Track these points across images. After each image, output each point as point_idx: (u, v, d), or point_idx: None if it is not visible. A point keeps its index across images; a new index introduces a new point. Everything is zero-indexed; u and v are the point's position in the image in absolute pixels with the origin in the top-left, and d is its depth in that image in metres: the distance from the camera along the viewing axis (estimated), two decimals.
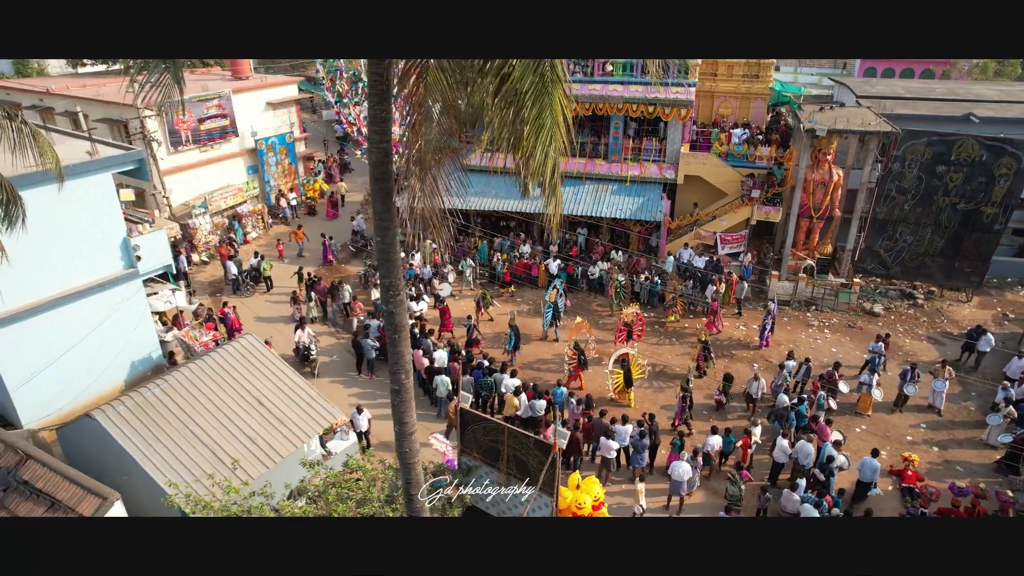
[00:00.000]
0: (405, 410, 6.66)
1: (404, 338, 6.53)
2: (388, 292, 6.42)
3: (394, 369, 6.63)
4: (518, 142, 5.84)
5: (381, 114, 6.56)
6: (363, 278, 23.45)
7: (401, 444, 6.77)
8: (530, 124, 5.59)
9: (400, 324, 6.50)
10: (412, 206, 6.99)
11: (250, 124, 27.89)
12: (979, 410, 17.28)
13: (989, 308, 22.27)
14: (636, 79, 23.72)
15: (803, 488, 13.37)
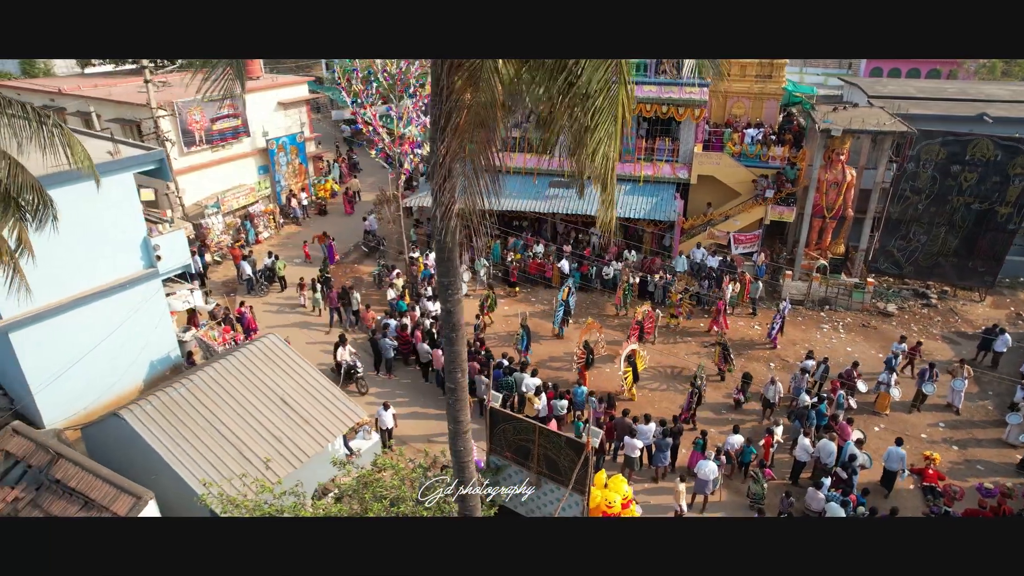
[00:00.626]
0: (460, 408, 6.69)
1: (460, 337, 6.56)
2: (447, 291, 6.44)
3: (450, 368, 6.65)
4: (578, 143, 5.84)
5: (438, 117, 6.56)
6: (377, 278, 23.47)
7: (456, 442, 6.79)
8: (599, 125, 5.60)
9: (457, 322, 6.52)
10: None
11: (261, 124, 27.90)
12: (997, 409, 17.34)
13: (1003, 308, 22.33)
14: (650, 79, 23.75)
15: (828, 487, 13.42)
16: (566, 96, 5.73)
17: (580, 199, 23.10)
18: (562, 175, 25.09)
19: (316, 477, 13.32)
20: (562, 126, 6.04)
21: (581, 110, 5.67)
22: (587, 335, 18.75)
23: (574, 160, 6.22)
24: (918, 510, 13.92)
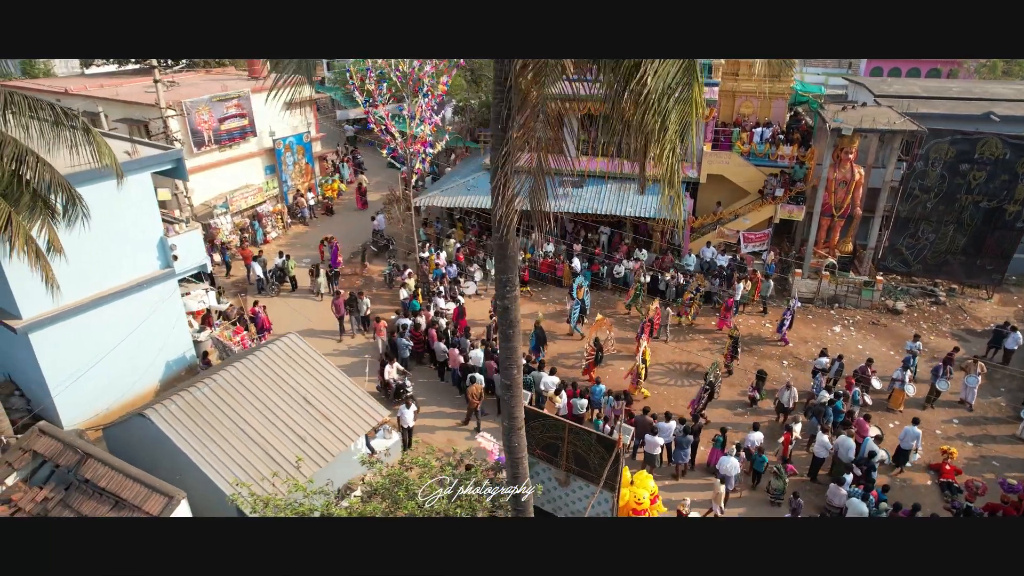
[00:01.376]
0: (516, 404, 6.73)
1: (517, 333, 6.60)
2: (505, 287, 6.48)
3: (506, 364, 6.70)
4: (647, 143, 5.90)
5: (503, 113, 6.62)
6: (388, 277, 23.47)
7: (511, 438, 6.83)
8: (671, 125, 5.65)
9: (515, 319, 6.56)
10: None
11: (268, 124, 27.84)
12: (1010, 406, 17.50)
13: (1010, 305, 22.53)
14: None
15: (850, 482, 13.52)
16: (639, 96, 5.77)
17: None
18: (571, 174, 25.18)
19: (339, 476, 13.33)
20: (623, 127, 6.07)
21: (653, 111, 5.71)
22: (597, 332, 18.82)
23: (636, 159, 6.26)
24: (937, 505, 14.04)
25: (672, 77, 5.59)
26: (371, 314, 20.52)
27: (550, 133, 6.58)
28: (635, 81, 5.68)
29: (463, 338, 18.26)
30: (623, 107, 6.01)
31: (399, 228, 25.78)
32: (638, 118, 5.86)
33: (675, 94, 5.66)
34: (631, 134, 6.11)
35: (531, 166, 6.96)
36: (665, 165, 5.93)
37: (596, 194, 24.48)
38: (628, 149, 6.36)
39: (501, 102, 6.54)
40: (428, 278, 22.43)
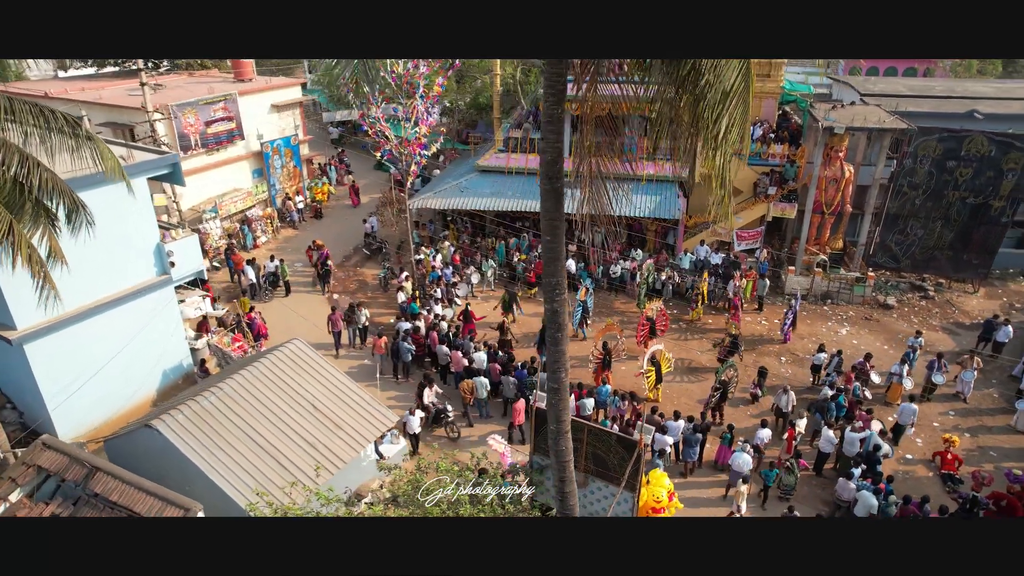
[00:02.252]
0: (563, 408, 6.69)
1: (565, 336, 6.56)
2: (554, 291, 6.44)
3: (554, 368, 6.65)
4: (705, 143, 5.91)
5: (557, 114, 6.59)
6: (383, 281, 23.28)
7: (558, 441, 6.79)
8: (737, 124, 5.67)
9: (563, 322, 6.52)
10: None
11: (256, 127, 27.46)
12: (1003, 397, 17.88)
13: (995, 299, 23.03)
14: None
15: (858, 476, 13.69)
16: (698, 98, 5.77)
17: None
18: (565, 175, 25.19)
19: (349, 483, 13.18)
20: (676, 127, 6.08)
21: (714, 112, 5.71)
22: (605, 336, 18.84)
23: (683, 158, 6.28)
24: (943, 496, 14.28)
25: (733, 80, 5.60)
26: (369, 324, 20.27)
27: (607, 137, 6.57)
28: (704, 82, 5.68)
29: (466, 340, 18.17)
30: (680, 109, 6.00)
31: (392, 231, 25.58)
32: (699, 118, 5.85)
33: (736, 95, 5.66)
34: (684, 134, 6.09)
35: (590, 170, 6.98)
36: (719, 163, 5.92)
37: (580, 195, 24.46)
38: (677, 149, 6.33)
39: (556, 104, 6.50)
40: (425, 281, 22.28)
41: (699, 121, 6.01)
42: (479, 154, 28.27)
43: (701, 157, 6.44)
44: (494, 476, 10.75)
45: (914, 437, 16.37)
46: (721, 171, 6.28)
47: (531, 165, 25.42)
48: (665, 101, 6.35)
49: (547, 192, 6.74)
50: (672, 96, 6.24)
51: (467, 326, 19.46)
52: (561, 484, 6.94)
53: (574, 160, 6.51)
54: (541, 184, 6.78)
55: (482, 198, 24.75)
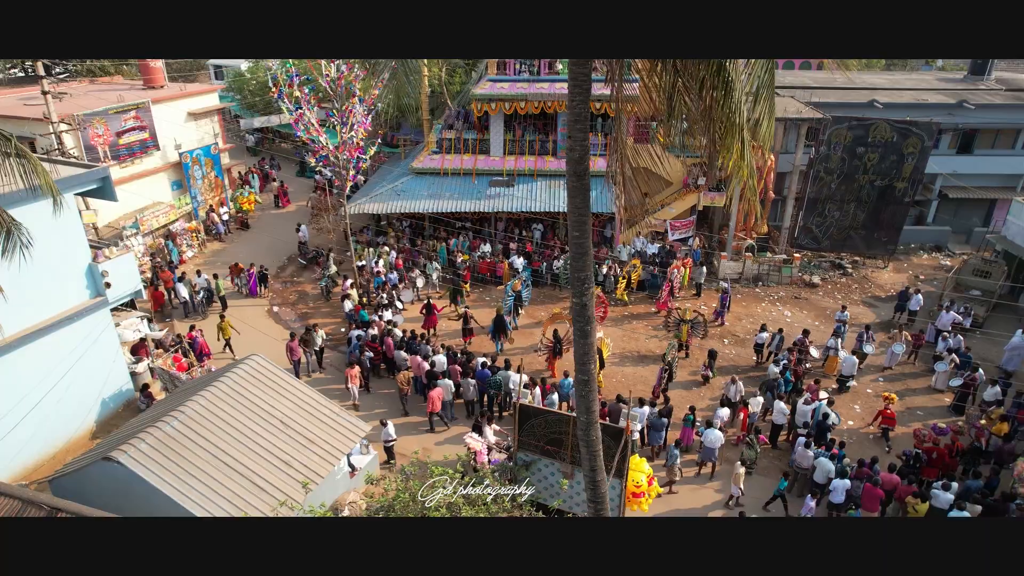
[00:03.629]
0: (592, 399, 6.80)
1: (593, 329, 6.68)
2: (583, 286, 6.54)
3: (583, 361, 6.75)
4: (721, 138, 6.18)
5: (582, 113, 6.68)
6: (324, 290, 22.65)
7: (588, 432, 6.89)
8: (767, 119, 5.95)
9: (591, 315, 6.64)
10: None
11: (172, 136, 26.03)
12: (921, 361, 19.49)
13: (902, 272, 25.07)
14: None
15: (804, 443, 14.59)
16: (724, 95, 6.02)
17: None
18: (501, 174, 25.41)
19: (323, 497, 12.80)
20: (703, 124, 6.33)
21: (731, 109, 5.98)
22: (555, 325, 19.15)
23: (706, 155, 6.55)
24: (889, 455, 15.47)
25: (761, 77, 5.89)
26: (326, 346, 19.53)
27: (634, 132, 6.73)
28: (735, 82, 5.94)
29: (424, 344, 18.00)
30: (704, 103, 6.25)
31: (330, 237, 24.93)
32: (731, 112, 6.11)
33: (764, 92, 5.96)
34: (708, 128, 6.35)
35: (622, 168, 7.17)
36: (745, 156, 6.22)
37: (528, 192, 24.81)
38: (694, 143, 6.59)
39: (581, 104, 6.61)
40: (370, 287, 21.87)
41: (731, 116, 6.26)
42: (410, 156, 27.99)
43: (720, 151, 6.70)
44: (485, 474, 10.78)
45: (852, 404, 17.60)
46: (747, 167, 6.56)
47: (466, 166, 25.45)
48: (690, 98, 6.59)
49: (575, 188, 6.83)
50: (696, 94, 6.49)
51: (431, 318, 19.45)
52: (592, 473, 7.07)
53: (575, 148, 6.55)
54: (569, 181, 6.87)
55: (420, 200, 24.55)
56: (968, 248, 26.41)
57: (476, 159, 25.61)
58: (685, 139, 7.61)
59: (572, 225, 6.73)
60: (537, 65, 24.76)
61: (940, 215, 26.93)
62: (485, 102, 24.57)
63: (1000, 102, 26.19)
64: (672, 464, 14.32)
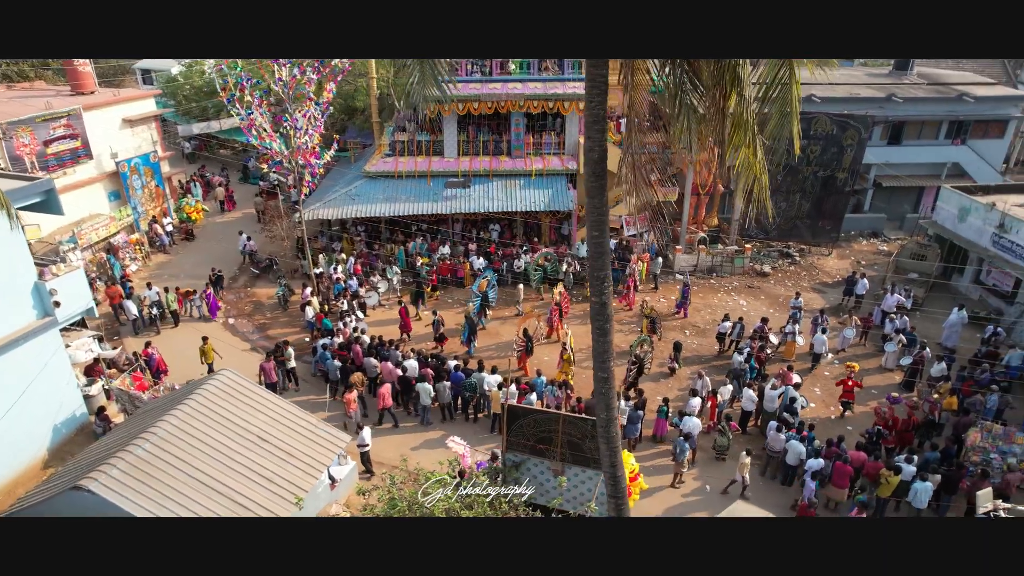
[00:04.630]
0: (612, 396, 6.84)
1: (612, 327, 6.71)
2: (602, 284, 6.56)
3: (602, 359, 6.78)
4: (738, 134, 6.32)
5: (600, 114, 6.69)
6: (282, 299, 22.00)
7: (609, 428, 6.91)
8: (776, 117, 6.11)
9: (610, 313, 6.67)
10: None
11: (108, 144, 24.76)
12: (871, 342, 20.47)
13: (845, 258, 26.26)
14: (535, 76, 24.63)
15: (775, 427, 15.12)
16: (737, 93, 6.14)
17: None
18: (456, 175, 25.26)
19: (306, 512, 12.48)
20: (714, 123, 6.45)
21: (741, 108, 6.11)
22: (526, 323, 19.21)
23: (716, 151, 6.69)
24: (844, 430, 16.18)
25: (781, 75, 6.05)
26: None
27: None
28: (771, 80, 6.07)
29: (393, 351, 17.73)
30: (718, 101, 6.37)
31: (285, 245, 24.22)
32: (743, 112, 6.24)
33: (781, 89, 6.12)
34: (720, 126, 6.47)
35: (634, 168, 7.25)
36: (760, 156, 6.38)
37: (484, 192, 24.76)
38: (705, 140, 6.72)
39: (599, 105, 6.63)
40: (330, 295, 21.38)
41: (741, 114, 6.39)
42: (362, 160, 27.50)
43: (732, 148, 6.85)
44: (477, 475, 10.74)
45: (813, 387, 18.33)
46: (760, 167, 6.72)
47: (420, 168, 25.19)
48: (708, 97, 6.70)
49: (593, 188, 6.86)
50: (716, 94, 6.61)
51: (406, 322, 19.29)
52: (613, 469, 7.11)
53: (594, 148, 6.59)
54: (586, 181, 6.89)
55: (375, 204, 24.16)
56: (902, 233, 27.92)
57: (430, 161, 25.38)
58: (694, 136, 7.67)
59: (591, 225, 6.76)
60: (489, 65, 24.71)
61: (875, 203, 28.34)
62: (438, 103, 24.35)
63: (923, 95, 27.78)
64: (682, 459, 14.57)
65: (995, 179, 26.99)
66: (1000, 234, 21.16)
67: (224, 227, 28.08)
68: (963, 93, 27.43)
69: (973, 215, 22.33)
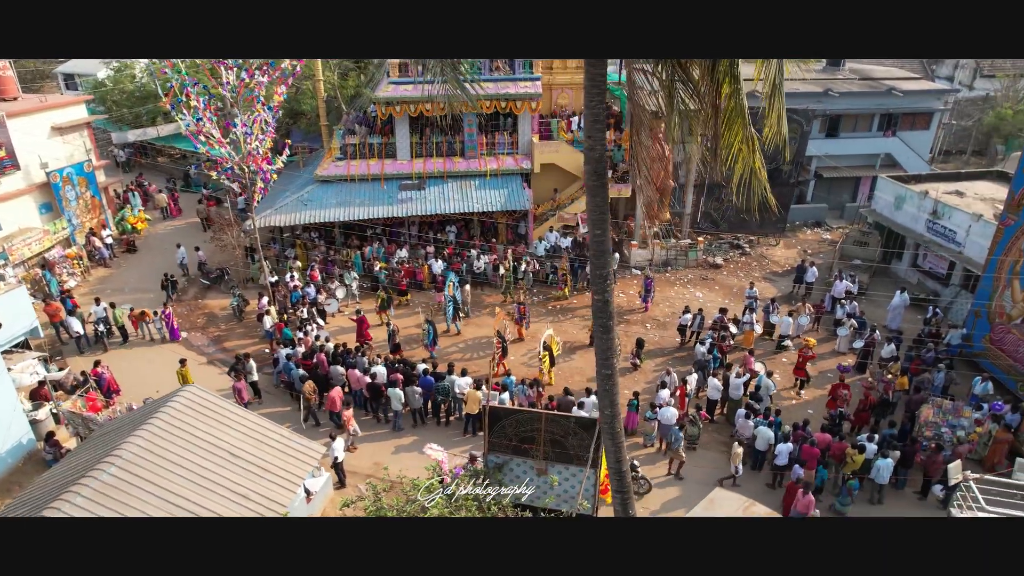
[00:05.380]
0: (616, 392, 6.87)
1: (614, 324, 6.74)
2: (604, 282, 6.58)
3: (605, 355, 6.79)
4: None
5: (599, 113, 6.70)
6: (236, 310, 21.28)
7: (613, 424, 6.93)
8: (773, 115, 6.25)
9: (611, 311, 6.70)
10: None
11: (36, 154, 23.42)
12: (823, 328, 21.29)
13: (792, 247, 27.25)
14: (486, 76, 24.58)
15: (744, 414, 15.57)
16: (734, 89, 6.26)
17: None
18: (410, 177, 24.98)
19: None
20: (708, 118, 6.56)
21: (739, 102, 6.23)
22: (496, 326, 19.18)
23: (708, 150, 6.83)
24: (815, 415, 16.79)
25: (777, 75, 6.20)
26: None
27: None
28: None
29: (359, 357, 17.38)
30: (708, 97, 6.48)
31: (237, 255, 23.43)
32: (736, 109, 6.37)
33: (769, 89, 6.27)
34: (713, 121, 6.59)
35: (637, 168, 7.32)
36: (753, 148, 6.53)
37: (440, 194, 24.59)
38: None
39: (598, 104, 6.64)
40: (288, 303, 20.81)
41: (737, 109, 6.53)
42: (311, 164, 26.88)
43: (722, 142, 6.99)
44: (462, 480, 10.65)
45: (773, 373, 18.92)
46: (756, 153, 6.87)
47: (373, 171, 24.81)
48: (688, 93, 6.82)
49: (595, 188, 6.87)
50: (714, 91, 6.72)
51: (363, 328, 18.87)
52: (618, 464, 7.15)
53: (595, 148, 6.63)
54: (588, 180, 6.90)
55: (329, 209, 23.67)
56: (843, 222, 29.16)
57: (383, 163, 25.02)
58: (687, 132, 7.79)
59: (592, 223, 6.79)
60: None
61: (817, 193, 29.49)
62: (389, 105, 24.05)
63: (857, 90, 29.11)
64: (677, 447, 14.79)
65: (924, 168, 28.51)
66: (934, 220, 22.35)
67: (168, 236, 26.94)
68: (892, 87, 28.86)
69: (908, 203, 23.51)
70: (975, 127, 35.49)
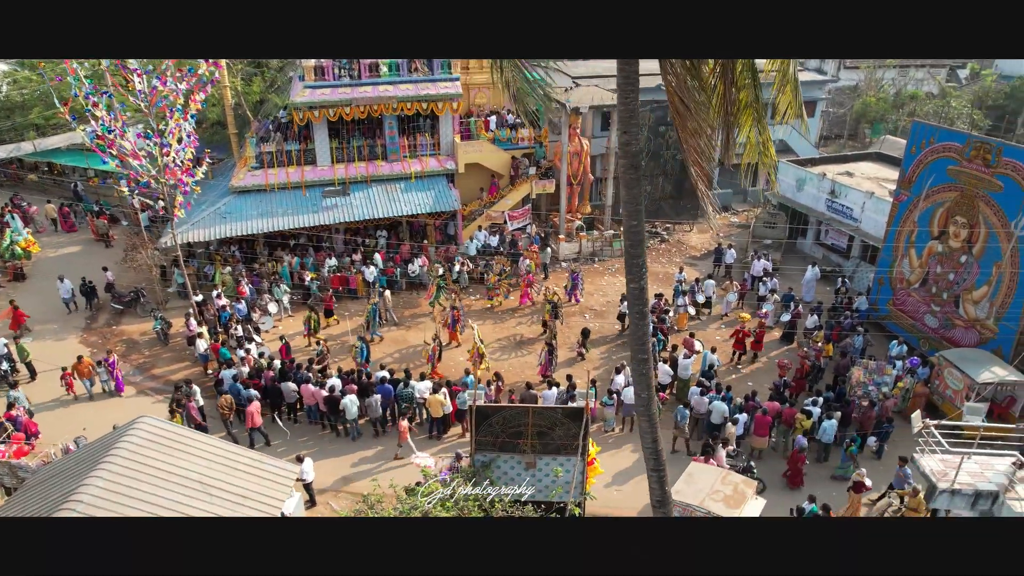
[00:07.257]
0: (651, 376, 7.09)
1: (647, 312, 6.94)
2: (640, 270, 6.77)
3: (641, 342, 6.98)
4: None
5: (634, 109, 6.86)
6: (160, 333, 19.86)
7: (649, 406, 7.12)
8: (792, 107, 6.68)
9: (646, 299, 6.90)
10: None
11: None
12: (747, 306, 22.71)
13: (705, 232, 28.80)
14: (405, 78, 24.26)
15: (699, 392, 16.41)
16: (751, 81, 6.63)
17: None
18: (332, 183, 24.25)
19: None
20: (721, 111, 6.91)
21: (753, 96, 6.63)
22: (434, 330, 19.08)
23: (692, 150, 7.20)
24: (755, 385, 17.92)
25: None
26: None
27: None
28: None
29: (305, 372, 16.73)
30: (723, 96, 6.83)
31: (153, 275, 21.79)
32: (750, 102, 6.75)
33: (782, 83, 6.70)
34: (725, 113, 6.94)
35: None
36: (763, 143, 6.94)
37: (365, 199, 24.05)
38: None
39: (631, 100, 6.81)
40: (218, 323, 19.65)
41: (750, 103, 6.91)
42: (224, 175, 25.45)
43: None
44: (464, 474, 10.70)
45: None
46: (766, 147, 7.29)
47: (293, 178, 23.87)
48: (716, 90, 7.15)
49: (631, 180, 7.04)
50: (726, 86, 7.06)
51: (284, 356, 18.01)
52: (654, 444, 7.37)
53: (629, 143, 6.84)
54: (624, 173, 7.06)
55: (250, 220, 22.56)
56: (747, 206, 31.13)
57: (303, 171, 24.10)
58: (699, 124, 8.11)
59: (628, 215, 6.96)
60: (357, 68, 23.91)
61: (722, 180, 31.31)
62: (307, 110, 23.22)
63: None
64: (683, 424, 15.62)
65: (814, 153, 31.00)
66: (832, 199, 24.41)
67: (62, 261, 24.56)
68: None
69: (809, 185, 25.52)
70: (848, 114, 38.91)
